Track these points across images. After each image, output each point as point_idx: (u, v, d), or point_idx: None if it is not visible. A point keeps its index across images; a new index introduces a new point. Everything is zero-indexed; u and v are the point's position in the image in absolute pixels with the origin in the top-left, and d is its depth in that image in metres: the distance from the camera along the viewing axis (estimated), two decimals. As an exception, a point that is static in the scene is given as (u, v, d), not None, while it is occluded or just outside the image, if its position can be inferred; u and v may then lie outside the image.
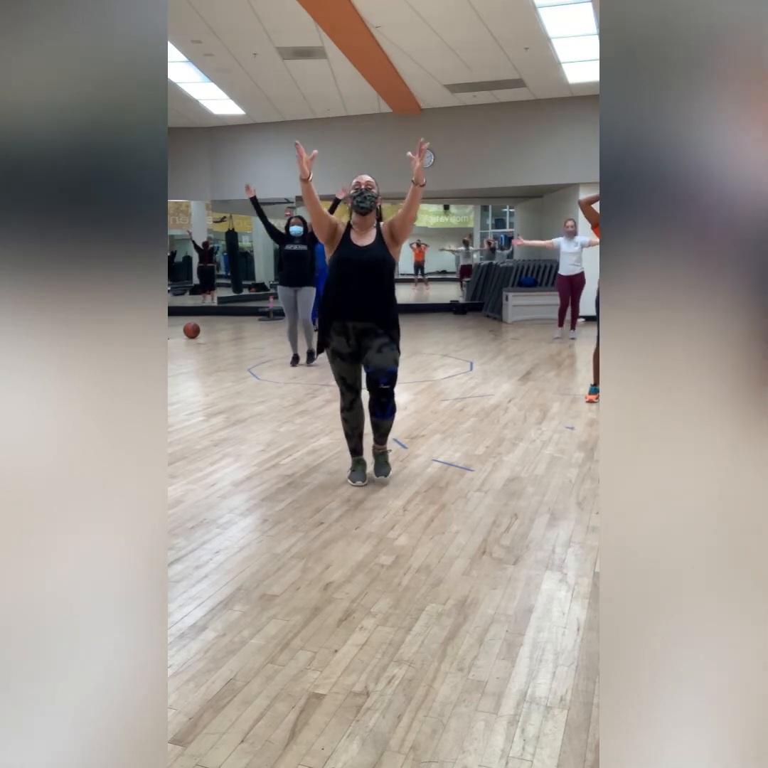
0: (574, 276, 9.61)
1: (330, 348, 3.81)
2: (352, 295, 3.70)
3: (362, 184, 3.75)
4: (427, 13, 8.35)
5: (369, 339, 3.74)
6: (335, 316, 3.75)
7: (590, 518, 3.36)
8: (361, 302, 3.70)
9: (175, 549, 3.06)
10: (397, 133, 12.94)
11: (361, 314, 3.71)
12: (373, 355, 3.73)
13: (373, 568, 2.86)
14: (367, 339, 3.75)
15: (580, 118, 11.87)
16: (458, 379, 6.98)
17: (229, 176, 14.27)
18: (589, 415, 5.42)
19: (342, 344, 3.76)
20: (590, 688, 2.07)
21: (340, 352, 3.78)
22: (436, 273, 29.46)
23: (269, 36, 9.26)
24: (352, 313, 3.71)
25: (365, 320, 3.72)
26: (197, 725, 1.93)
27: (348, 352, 3.77)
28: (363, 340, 3.76)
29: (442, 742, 1.85)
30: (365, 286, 3.69)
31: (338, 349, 3.77)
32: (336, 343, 3.77)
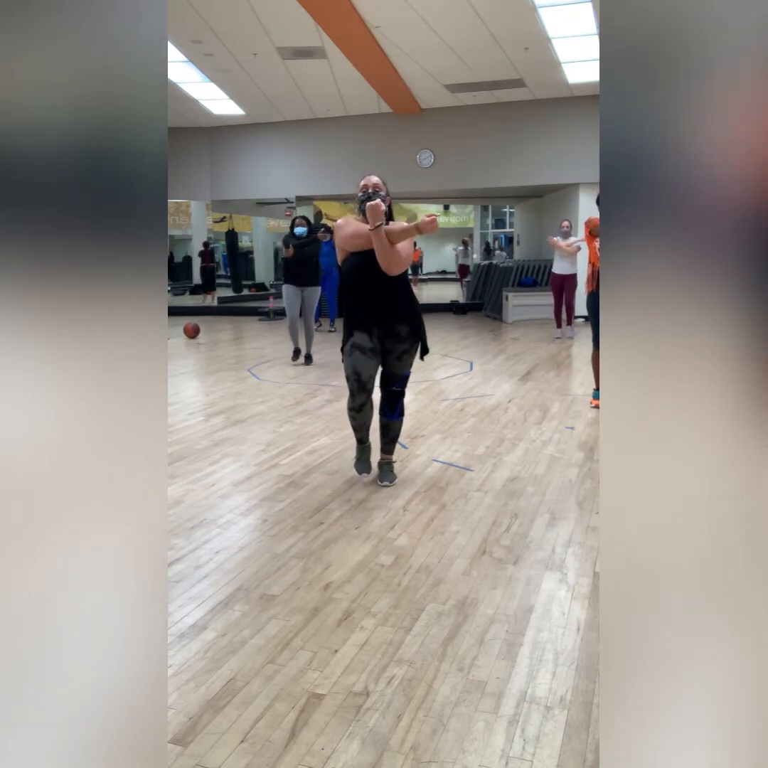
0: (567, 275, 9.71)
1: (349, 342, 3.75)
2: (372, 298, 3.70)
3: (369, 187, 3.70)
4: (427, 13, 8.35)
5: (391, 342, 3.74)
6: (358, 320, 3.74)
7: (590, 518, 3.36)
8: (380, 304, 3.70)
9: (175, 549, 3.06)
10: (397, 133, 12.95)
11: (382, 316, 3.71)
12: (392, 361, 3.77)
13: (373, 568, 2.86)
14: (389, 341, 3.75)
15: (580, 118, 11.87)
16: (458, 379, 6.98)
17: (229, 176, 14.27)
18: (589, 415, 5.42)
19: (364, 339, 3.72)
20: (590, 688, 2.06)
21: (360, 345, 3.71)
22: (436, 273, 29.45)
23: (269, 36, 9.26)
24: (374, 316, 3.71)
25: (387, 322, 3.72)
26: (197, 725, 1.93)
27: (370, 347, 3.72)
28: (385, 342, 3.76)
29: (442, 742, 1.85)
30: (382, 288, 3.69)
31: (358, 342, 3.71)
32: (357, 337, 3.73)
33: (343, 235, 3.72)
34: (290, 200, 14.20)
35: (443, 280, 27.88)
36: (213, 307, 15.90)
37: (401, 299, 3.75)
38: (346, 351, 3.77)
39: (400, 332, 3.74)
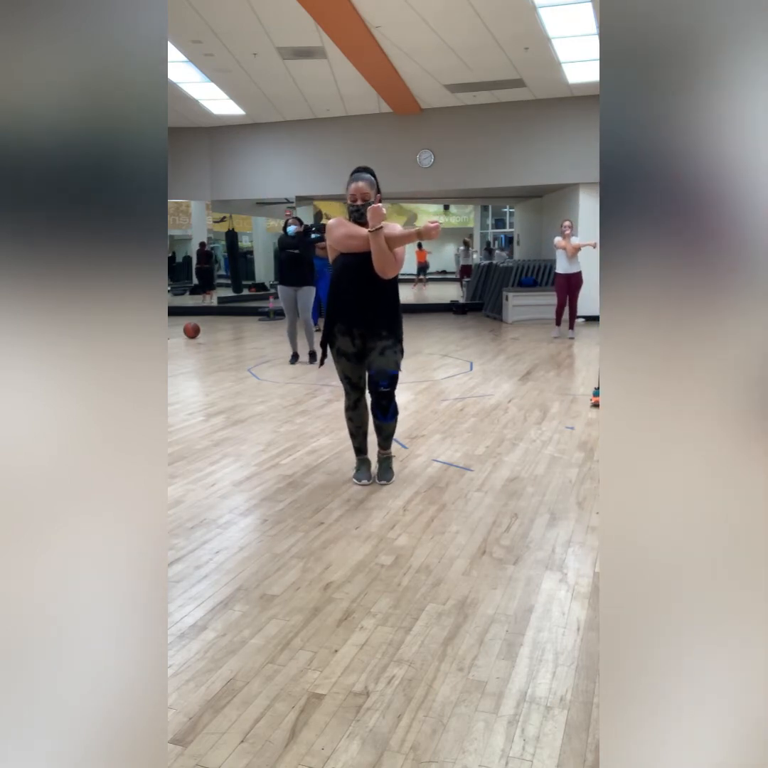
0: (572, 275, 9.69)
1: (335, 348, 3.83)
2: (355, 298, 3.72)
3: (358, 198, 3.67)
4: (427, 13, 8.35)
5: (372, 340, 3.77)
6: (339, 318, 3.77)
7: (590, 518, 3.36)
8: (363, 304, 3.71)
9: (175, 549, 3.06)
10: (397, 133, 12.95)
11: (363, 316, 3.73)
12: (375, 357, 3.76)
13: (373, 568, 2.86)
14: (370, 340, 3.78)
15: (580, 118, 11.87)
16: (458, 379, 6.98)
17: (229, 176, 14.27)
18: (589, 415, 5.42)
19: (347, 344, 3.78)
20: (590, 688, 2.06)
21: (345, 352, 3.80)
22: (436, 273, 29.45)
23: (269, 36, 9.26)
24: (355, 316, 3.73)
25: (368, 322, 3.74)
26: (197, 725, 1.93)
27: (353, 352, 3.79)
28: (367, 341, 3.79)
29: (442, 742, 1.85)
30: (367, 289, 3.70)
31: (343, 349, 3.80)
32: (340, 343, 3.79)
33: (336, 235, 3.72)
34: (290, 200, 14.20)
35: (443, 280, 27.89)
36: (213, 307, 15.90)
37: (386, 305, 3.75)
38: (334, 356, 3.86)
39: (381, 332, 3.76)
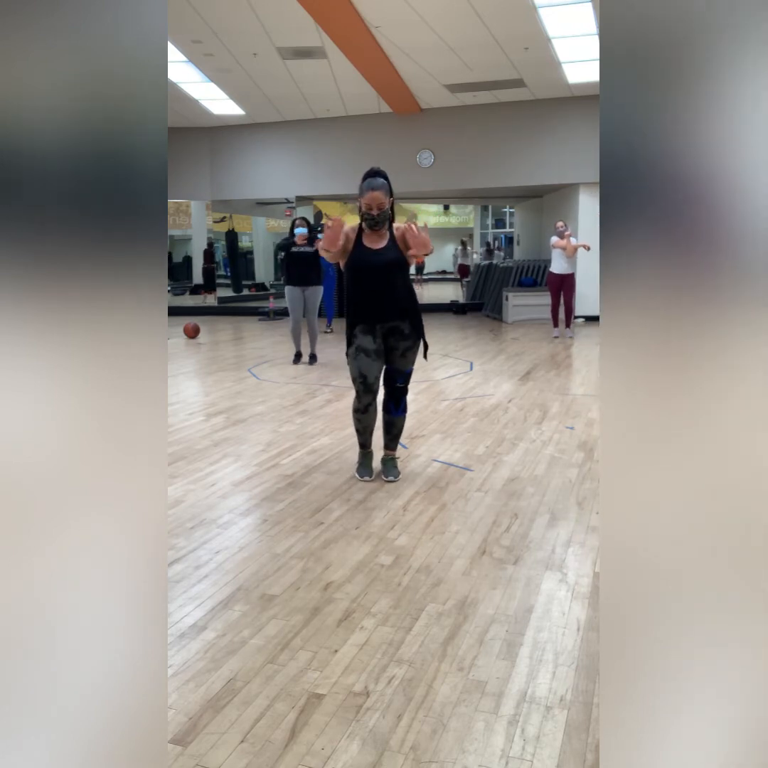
0: (565, 275, 9.73)
1: (353, 346, 3.82)
2: (375, 298, 3.76)
3: (374, 208, 3.65)
4: (427, 13, 8.35)
5: (395, 339, 3.81)
6: (361, 319, 3.80)
7: (590, 518, 3.36)
8: (384, 303, 3.76)
9: (175, 549, 3.06)
10: (397, 133, 12.95)
11: (386, 314, 3.77)
12: (396, 358, 3.85)
13: (373, 568, 2.86)
14: (392, 338, 3.81)
15: (580, 118, 11.87)
16: (458, 379, 6.98)
17: (229, 176, 14.27)
18: (589, 415, 5.42)
19: (368, 341, 3.79)
20: (590, 688, 2.06)
21: (365, 348, 3.79)
22: (436, 273, 29.45)
23: (269, 36, 9.26)
24: (378, 315, 3.77)
25: (391, 320, 3.78)
26: (197, 725, 1.93)
27: (373, 348, 3.80)
28: (389, 340, 3.83)
29: (442, 742, 1.85)
30: (385, 288, 3.75)
31: (363, 345, 3.79)
32: (361, 340, 3.80)
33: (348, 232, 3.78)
34: (290, 200, 14.20)
35: (443, 280, 27.88)
36: (213, 307, 15.89)
37: (404, 297, 3.81)
38: (352, 354, 3.83)
39: (404, 330, 3.81)
